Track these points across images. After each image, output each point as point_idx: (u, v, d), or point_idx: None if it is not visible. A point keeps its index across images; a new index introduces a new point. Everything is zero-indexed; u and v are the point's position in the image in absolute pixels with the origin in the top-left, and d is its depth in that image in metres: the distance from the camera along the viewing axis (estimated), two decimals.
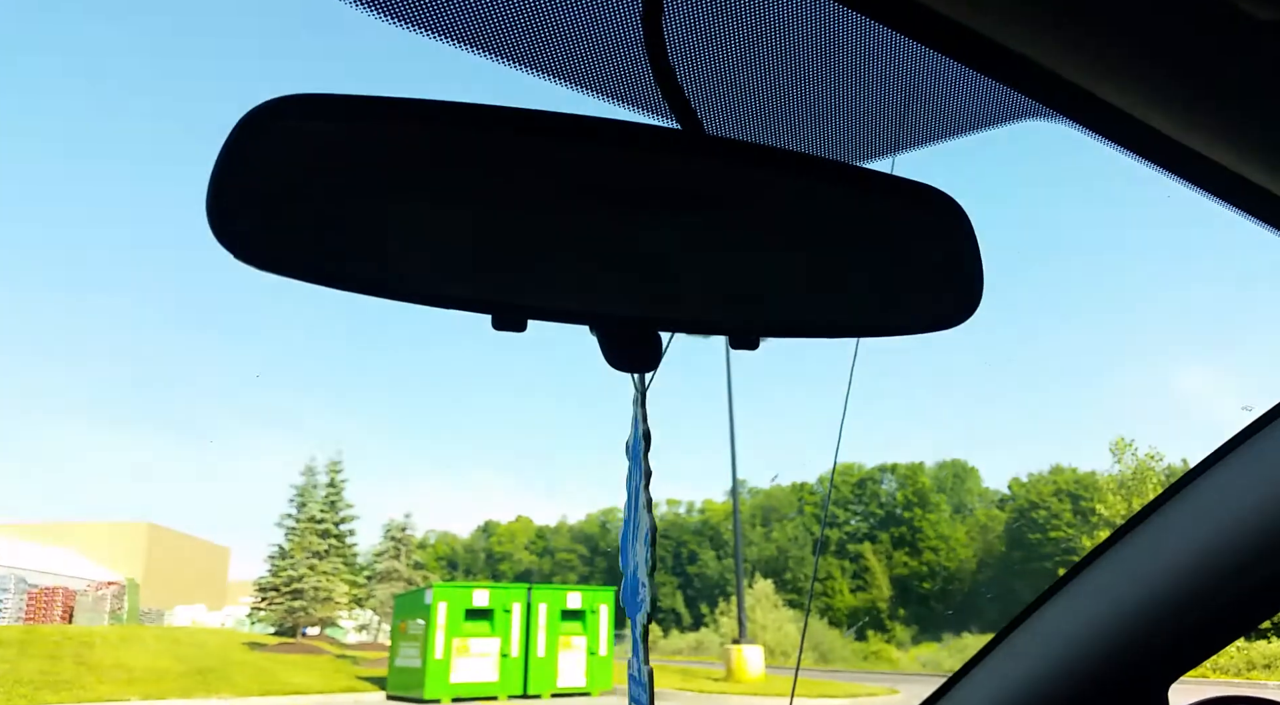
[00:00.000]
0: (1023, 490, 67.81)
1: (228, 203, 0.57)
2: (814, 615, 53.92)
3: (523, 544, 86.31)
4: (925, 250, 0.70)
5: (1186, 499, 0.92)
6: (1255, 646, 26.68)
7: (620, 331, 0.64)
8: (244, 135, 0.57)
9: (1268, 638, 29.22)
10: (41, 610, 26.06)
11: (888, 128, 0.72)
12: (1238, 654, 24.64)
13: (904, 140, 0.74)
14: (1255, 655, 25.35)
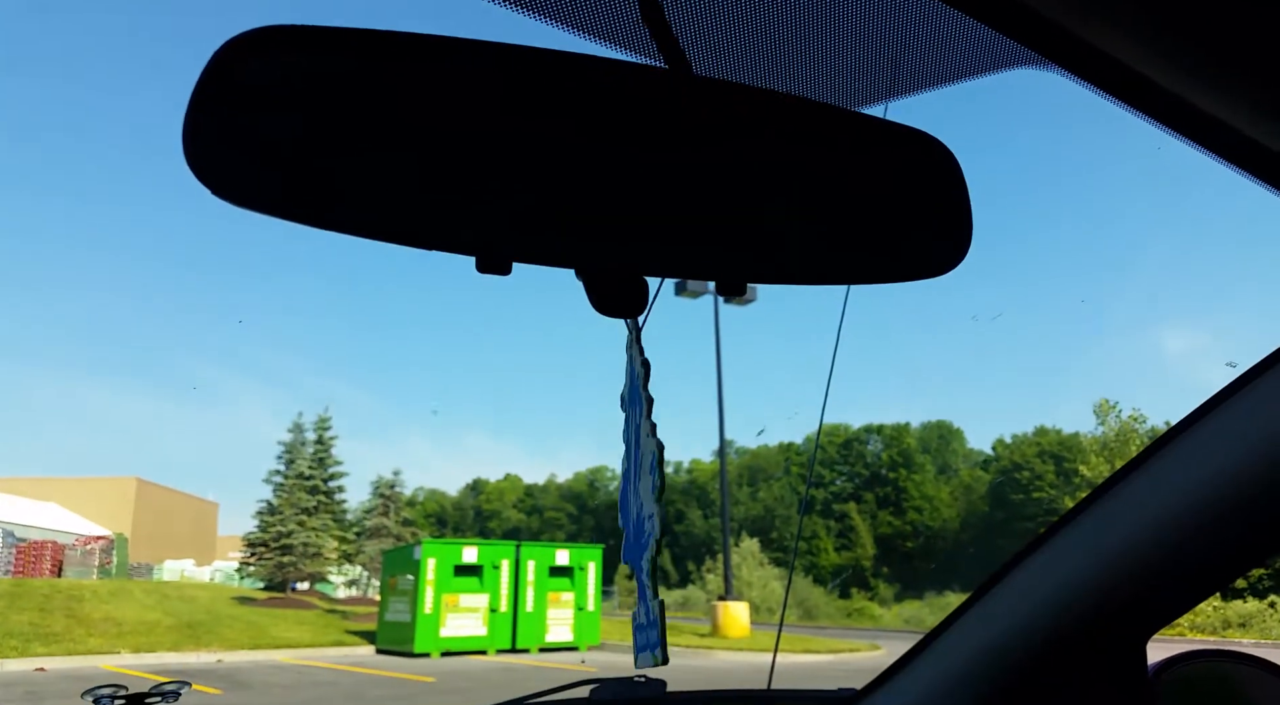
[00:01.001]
0: (1007, 451, 68.54)
1: (204, 136, 0.55)
2: (799, 573, 54.64)
3: (511, 502, 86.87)
4: (915, 196, 0.69)
5: (1168, 456, 0.92)
6: (1231, 606, 27.16)
7: (606, 276, 0.63)
8: (222, 66, 0.55)
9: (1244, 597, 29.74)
10: (30, 564, 26.14)
11: (879, 74, 0.71)
12: (1214, 613, 25.11)
13: (896, 87, 0.73)
14: (1231, 614, 25.83)
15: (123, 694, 1.09)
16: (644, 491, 0.76)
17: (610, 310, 0.64)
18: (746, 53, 0.67)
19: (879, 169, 0.68)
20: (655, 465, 0.74)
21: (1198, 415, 0.90)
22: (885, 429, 74.14)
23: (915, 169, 0.69)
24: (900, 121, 0.69)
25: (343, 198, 0.60)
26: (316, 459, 29.23)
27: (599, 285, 0.64)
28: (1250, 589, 30.26)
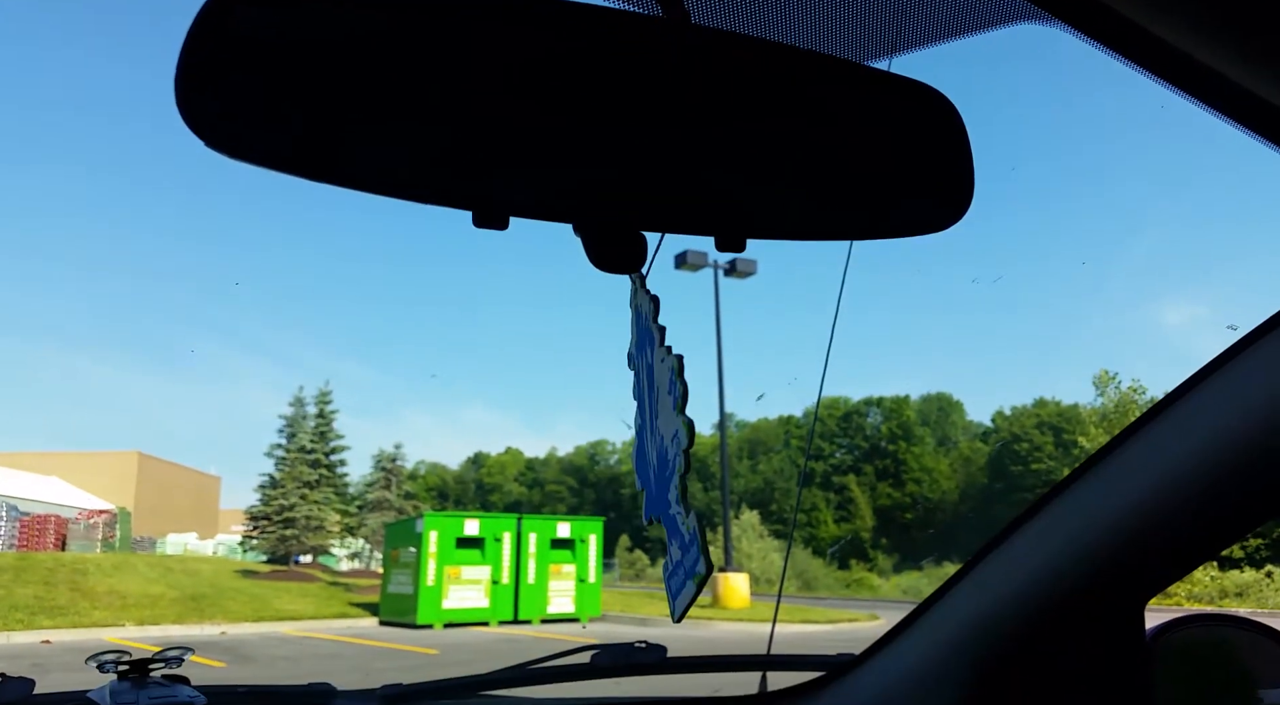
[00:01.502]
0: (1006, 423, 68.70)
1: (197, 85, 0.54)
2: (799, 545, 54.93)
3: (512, 475, 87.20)
4: (917, 150, 0.68)
5: (1166, 420, 0.91)
6: (1228, 576, 27.32)
7: (604, 231, 0.62)
8: (214, 15, 0.54)
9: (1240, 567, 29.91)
10: (34, 538, 26.27)
11: (882, 27, 0.70)
12: (1211, 583, 25.27)
13: (900, 41, 0.72)
14: (1228, 584, 26.00)
15: (126, 660, 1.09)
16: (665, 413, 0.72)
17: (608, 266, 0.63)
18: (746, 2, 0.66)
19: (880, 121, 0.67)
20: (675, 379, 0.71)
21: (1197, 379, 0.90)
22: (885, 401, 74.30)
23: (917, 122, 0.68)
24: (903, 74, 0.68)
25: (337, 150, 0.59)
26: (318, 433, 29.29)
27: (597, 240, 0.63)
28: (1247, 559, 30.40)
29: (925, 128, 0.68)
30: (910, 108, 0.67)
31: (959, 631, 1.13)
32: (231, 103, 0.56)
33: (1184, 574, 1.04)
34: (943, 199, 0.68)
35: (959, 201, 0.67)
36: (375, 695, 1.31)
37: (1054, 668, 1.06)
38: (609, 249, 0.63)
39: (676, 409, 0.71)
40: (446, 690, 1.39)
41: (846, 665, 1.34)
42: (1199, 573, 24.12)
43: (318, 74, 0.57)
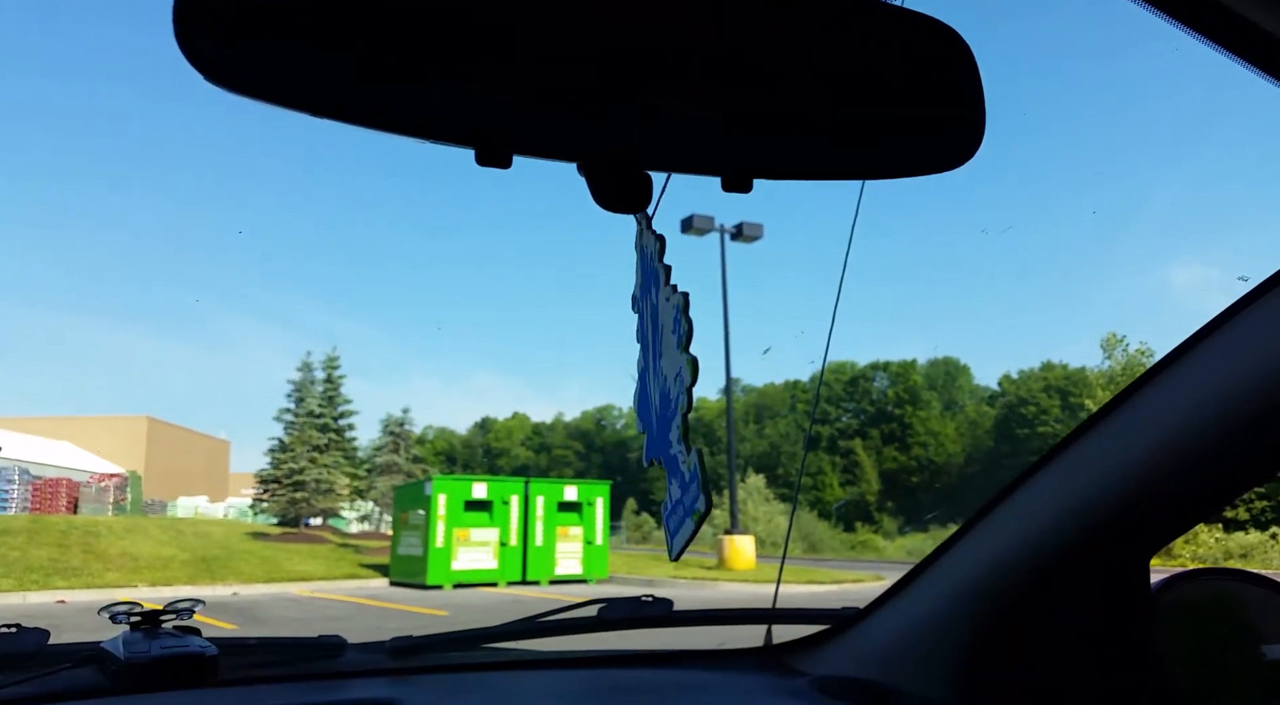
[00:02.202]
0: (1013, 387, 68.72)
1: (196, 16, 0.53)
2: (804, 508, 55.17)
3: (519, 440, 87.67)
4: (927, 86, 0.66)
5: (1175, 373, 0.90)
6: (1234, 537, 27.41)
7: (608, 170, 0.62)
8: None
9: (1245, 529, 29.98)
10: (47, 501, 26.54)
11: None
12: (1215, 544, 25.37)
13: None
14: (1233, 545, 26.10)
15: (138, 612, 1.10)
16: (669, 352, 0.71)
17: (614, 205, 0.63)
18: None
19: (890, 57, 0.65)
20: (680, 316, 0.69)
21: (1205, 332, 0.89)
22: (892, 366, 74.31)
23: (927, 58, 0.66)
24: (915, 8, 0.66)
25: (337, 84, 0.58)
26: (326, 397, 29.42)
27: (602, 180, 0.62)
28: (1253, 521, 30.46)
29: (936, 64, 0.66)
30: (921, 43, 0.66)
31: (963, 585, 1.13)
32: (231, 33, 0.55)
33: (1189, 528, 1.03)
34: (953, 137, 0.66)
35: (970, 140, 0.66)
36: (385, 647, 1.32)
37: (1058, 621, 1.06)
38: (614, 188, 0.62)
39: (681, 346, 0.70)
40: (455, 642, 1.40)
41: (851, 618, 1.34)
42: (1204, 535, 24.21)
43: (317, 5, 0.56)
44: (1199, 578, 1.14)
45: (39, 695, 1.05)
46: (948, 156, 0.66)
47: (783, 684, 1.30)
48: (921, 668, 1.17)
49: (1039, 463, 1.04)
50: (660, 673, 1.40)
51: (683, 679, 1.35)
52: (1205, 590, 1.13)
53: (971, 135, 0.66)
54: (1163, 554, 1.03)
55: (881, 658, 1.24)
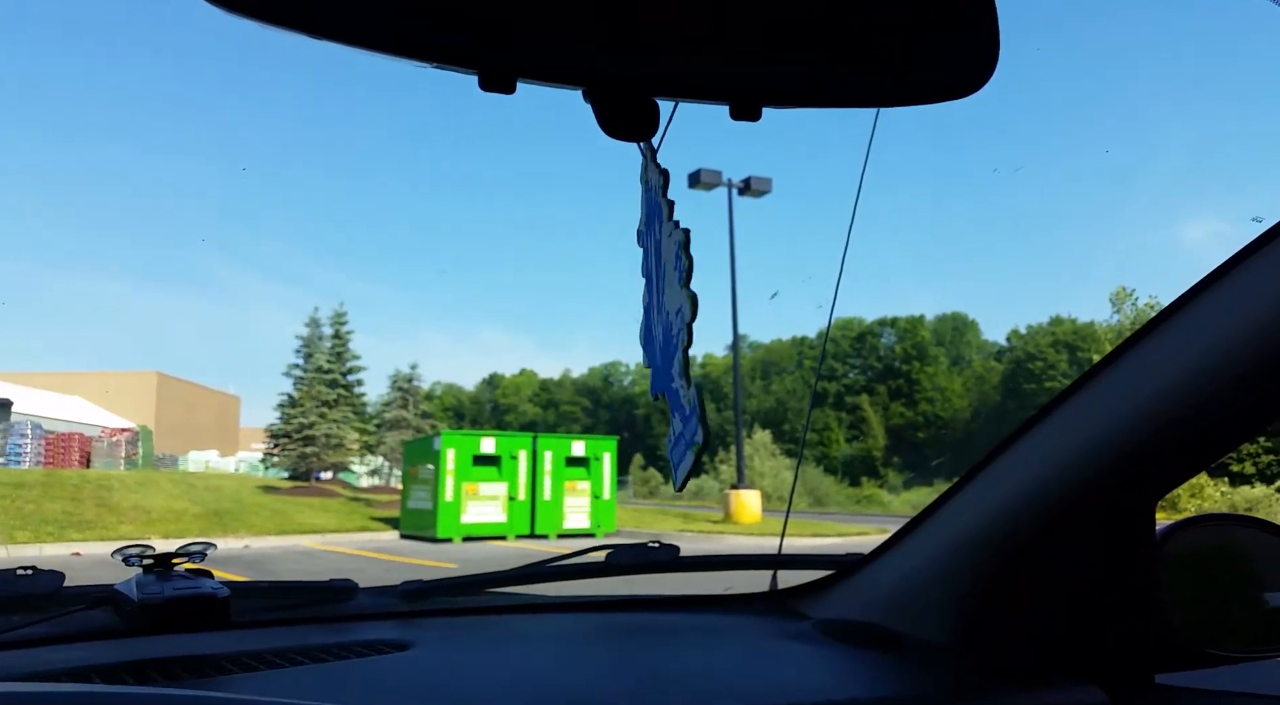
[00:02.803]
0: (1021, 342, 68.64)
1: None
2: (810, 464, 55.42)
3: (527, 396, 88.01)
4: (941, 11, 0.63)
5: (1183, 318, 0.89)
6: (1239, 491, 27.48)
7: (615, 97, 0.60)
8: None
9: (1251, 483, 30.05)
10: (59, 455, 26.80)
11: None
12: (1221, 498, 25.46)
13: None
14: (1239, 499, 26.18)
15: (151, 554, 1.10)
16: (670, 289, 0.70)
17: (620, 133, 0.61)
18: None
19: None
20: (681, 253, 0.68)
21: (1218, 274, 0.87)
22: (899, 322, 74.19)
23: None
24: None
25: (340, 5, 0.57)
26: (334, 353, 29.50)
27: (608, 106, 0.60)
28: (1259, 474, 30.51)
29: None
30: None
31: (966, 532, 1.13)
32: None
33: (1194, 474, 1.01)
34: (966, 61, 0.64)
35: (983, 65, 0.63)
36: (396, 591, 1.33)
37: (1061, 567, 1.06)
38: (621, 115, 0.61)
39: (682, 283, 0.69)
40: (465, 586, 1.41)
41: (855, 564, 1.35)
42: (1209, 488, 24.26)
43: None
44: (1204, 524, 1.13)
45: (55, 635, 1.06)
46: (960, 82, 0.64)
47: (787, 627, 1.31)
48: (924, 612, 1.18)
49: (1044, 410, 1.03)
50: (667, 616, 1.40)
51: (689, 622, 1.35)
52: (1210, 536, 1.12)
53: (985, 59, 0.63)
54: (1168, 508, 0.98)
55: (885, 602, 1.25)
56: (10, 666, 0.96)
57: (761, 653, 1.19)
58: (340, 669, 0.99)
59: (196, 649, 1.03)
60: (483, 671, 1.04)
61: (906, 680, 1.09)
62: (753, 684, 1.04)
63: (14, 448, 26.21)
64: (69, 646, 1.04)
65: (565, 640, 1.25)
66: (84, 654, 1.00)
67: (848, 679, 1.10)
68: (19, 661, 0.98)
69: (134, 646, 1.03)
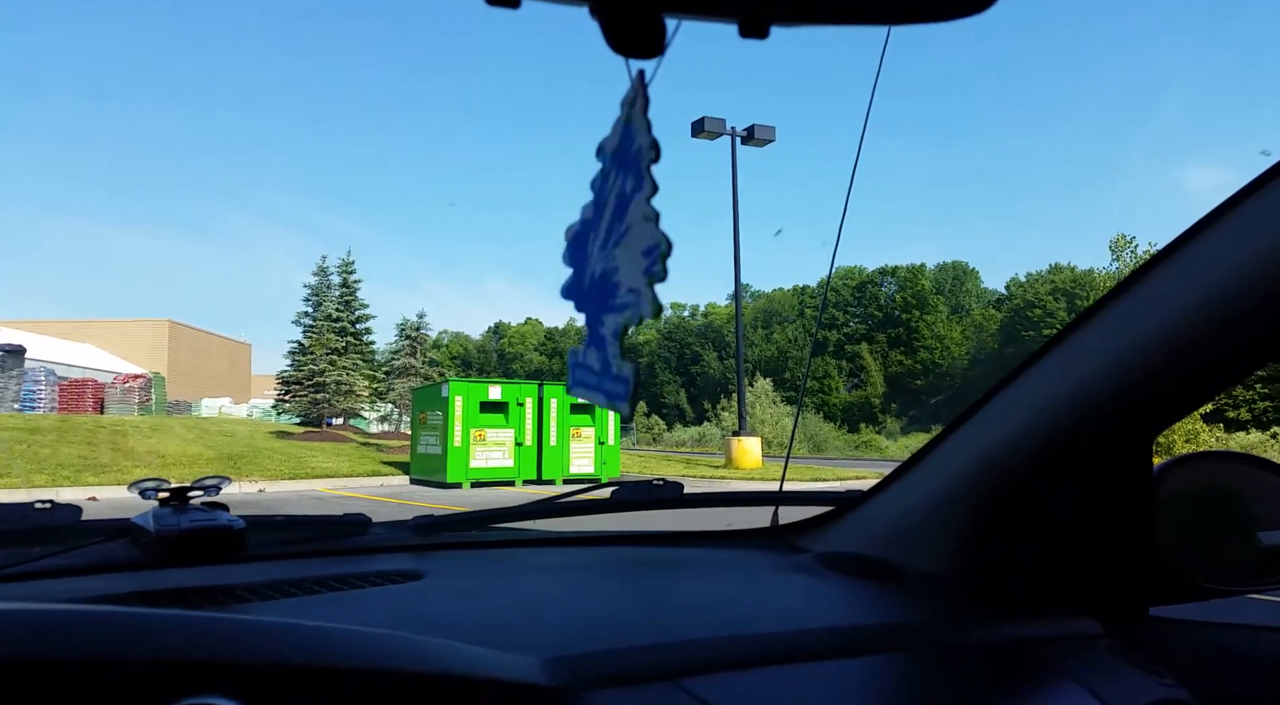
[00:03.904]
0: (1020, 290, 68.45)
1: None
2: (810, 411, 55.59)
3: (533, 345, 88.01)
4: None
5: (1183, 256, 0.88)
6: (1234, 436, 27.70)
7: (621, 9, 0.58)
8: None
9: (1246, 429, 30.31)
10: (73, 401, 26.75)
11: None
12: (1215, 444, 25.67)
13: None
14: (1234, 444, 26.45)
15: (166, 487, 1.11)
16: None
17: (628, 49, 0.59)
18: None
19: None
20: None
21: (1220, 212, 0.85)
22: (900, 271, 73.98)
23: None
24: None
25: None
26: (343, 302, 29.42)
27: (614, 19, 0.58)
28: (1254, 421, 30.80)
29: None
30: None
31: (965, 467, 1.12)
32: None
33: (1190, 411, 1.00)
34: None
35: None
36: (408, 525, 1.35)
37: (1058, 503, 1.07)
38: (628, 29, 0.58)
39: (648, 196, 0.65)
40: (475, 520, 1.43)
41: (855, 500, 1.35)
42: (1204, 434, 24.40)
43: None
44: (1200, 461, 1.13)
45: (73, 567, 1.06)
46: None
47: (787, 560, 1.31)
48: (922, 544, 1.18)
49: (1043, 349, 1.03)
50: (671, 550, 1.42)
51: (692, 555, 1.36)
52: (1206, 473, 1.12)
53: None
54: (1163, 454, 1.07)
55: (884, 535, 1.25)
56: (30, 596, 0.96)
57: (763, 583, 1.20)
58: (355, 597, 1.00)
59: (213, 580, 1.02)
60: (494, 598, 1.06)
61: (905, 609, 1.09)
62: (754, 611, 1.05)
63: (28, 394, 26.35)
64: (87, 578, 1.04)
65: (573, 570, 1.26)
66: (102, 585, 1.00)
67: (847, 607, 1.10)
68: (38, 592, 0.99)
69: (151, 578, 1.02)
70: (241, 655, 0.60)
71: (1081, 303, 49.80)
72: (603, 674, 0.79)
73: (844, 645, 0.93)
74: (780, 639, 0.92)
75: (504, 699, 0.71)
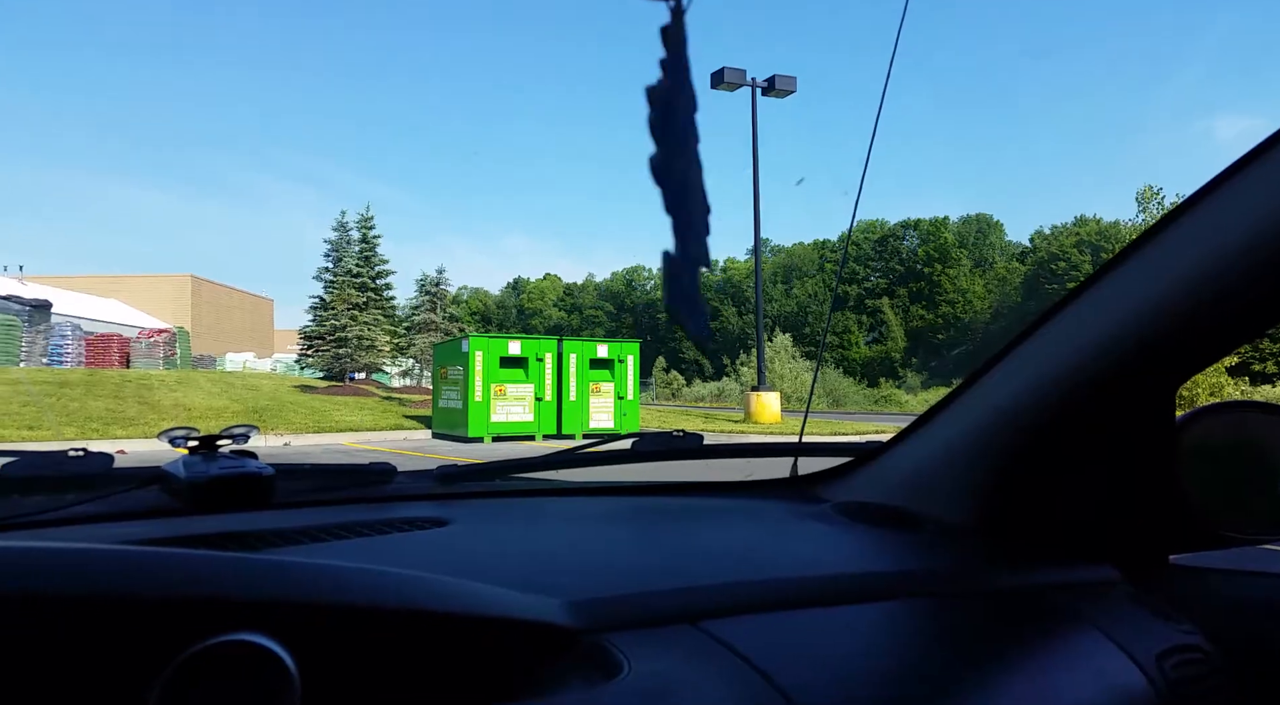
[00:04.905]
0: (1044, 243, 67.65)
1: None
2: (830, 366, 55.47)
3: (551, 301, 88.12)
4: None
5: (1210, 203, 0.87)
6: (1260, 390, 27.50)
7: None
8: None
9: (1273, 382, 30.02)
10: (100, 355, 26.97)
11: None
12: (1242, 396, 25.57)
13: None
14: (1258, 398, 26.26)
15: (196, 435, 1.11)
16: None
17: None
18: None
19: None
20: None
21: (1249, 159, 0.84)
22: (923, 224, 73.21)
23: None
24: None
25: None
26: (363, 257, 29.51)
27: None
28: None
29: None
30: None
31: (988, 417, 1.12)
32: None
33: (1216, 360, 0.99)
34: None
35: None
36: (432, 474, 1.36)
37: (1082, 450, 1.06)
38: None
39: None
40: (498, 470, 1.44)
41: (875, 450, 1.36)
42: (1229, 387, 24.23)
43: None
44: (1224, 411, 1.12)
45: (106, 513, 1.07)
46: None
47: (806, 509, 1.31)
48: (942, 494, 1.18)
49: (1066, 298, 1.02)
50: (691, 500, 1.43)
51: (712, 505, 1.37)
52: (1230, 423, 1.11)
53: None
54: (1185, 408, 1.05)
55: (904, 485, 1.25)
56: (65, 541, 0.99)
57: (782, 531, 1.20)
58: (382, 542, 1.02)
59: (242, 526, 1.05)
60: (518, 545, 1.07)
61: (924, 556, 1.09)
62: (773, 558, 1.06)
63: (56, 348, 26.72)
64: (119, 524, 1.06)
65: (595, 519, 1.27)
66: (133, 530, 1.01)
67: (866, 555, 1.11)
68: (71, 537, 0.99)
69: (182, 524, 1.05)
70: (276, 594, 0.61)
71: (1106, 256, 48.94)
72: (624, 616, 0.80)
73: (862, 590, 0.93)
74: (799, 584, 0.93)
75: (529, 639, 0.73)
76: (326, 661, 0.61)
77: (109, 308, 43.55)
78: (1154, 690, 0.87)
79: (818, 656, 0.80)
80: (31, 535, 0.98)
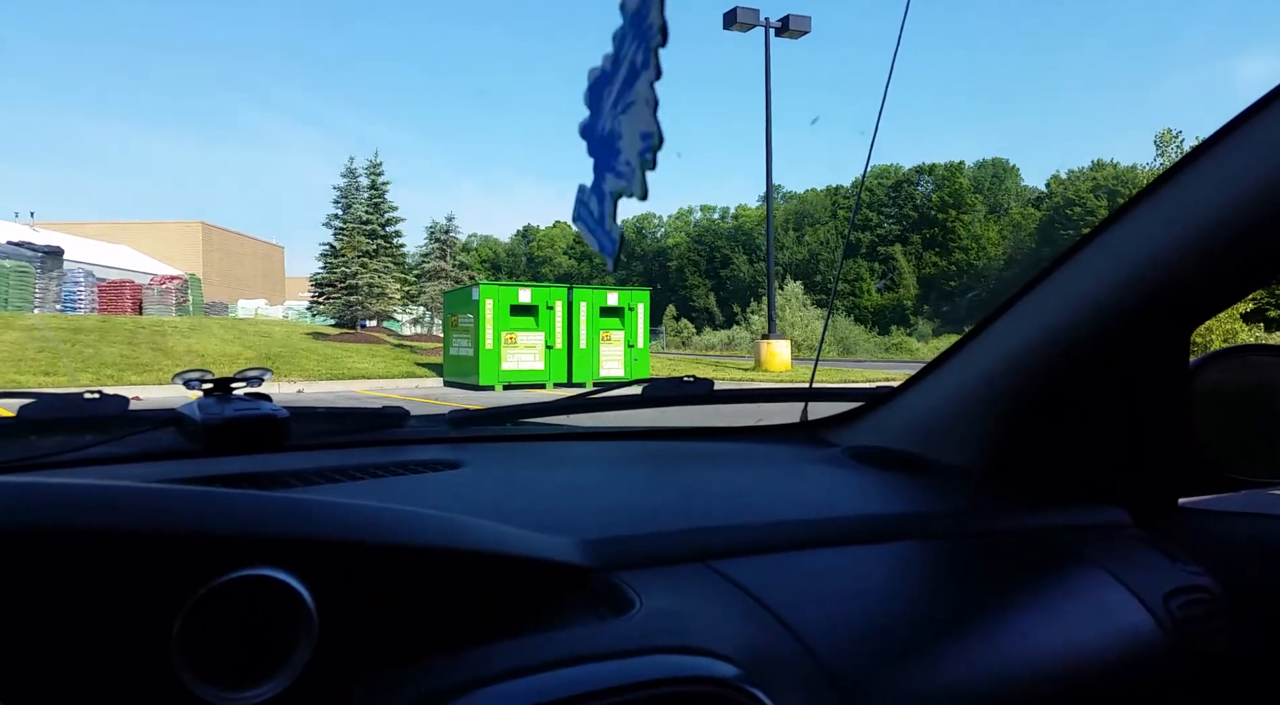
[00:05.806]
0: (1060, 188, 66.83)
1: None
2: (841, 314, 55.29)
3: (561, 249, 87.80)
4: None
5: (1229, 144, 0.86)
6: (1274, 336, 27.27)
7: None
8: None
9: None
10: (112, 302, 27.11)
11: None
12: (1255, 342, 25.25)
13: None
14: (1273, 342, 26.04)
15: (210, 378, 1.12)
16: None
17: None
18: None
19: None
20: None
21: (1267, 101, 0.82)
22: (938, 169, 72.31)
23: None
24: None
25: None
26: (372, 204, 29.31)
27: None
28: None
29: None
30: None
31: (1000, 362, 1.12)
32: None
33: (1229, 304, 0.98)
34: None
35: None
36: (445, 418, 1.38)
37: (1094, 393, 1.06)
38: None
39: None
40: (509, 414, 1.47)
41: (885, 395, 1.36)
42: (1243, 334, 24.10)
43: None
44: (1237, 355, 1.11)
45: (122, 455, 1.08)
46: None
47: (817, 453, 1.32)
48: (954, 439, 1.19)
49: (1081, 242, 1.01)
50: (701, 444, 1.43)
51: (722, 449, 1.38)
52: (1242, 367, 1.11)
53: None
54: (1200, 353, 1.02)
55: (914, 430, 1.25)
56: None
57: (793, 474, 1.21)
58: (396, 483, 1.03)
59: (257, 467, 1.04)
60: (530, 486, 1.08)
61: (934, 499, 1.09)
62: (783, 500, 1.06)
63: (69, 295, 26.82)
64: (135, 465, 1.06)
65: (607, 462, 1.29)
66: (150, 471, 1.02)
67: (876, 497, 1.11)
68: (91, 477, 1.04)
69: (197, 465, 1.04)
70: (293, 532, 0.62)
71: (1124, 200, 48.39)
72: (635, 555, 0.81)
73: (872, 531, 0.94)
74: (809, 525, 0.93)
75: (540, 576, 0.74)
76: (343, 598, 0.62)
77: (120, 254, 43.57)
78: (1161, 629, 0.88)
79: (827, 596, 0.80)
80: (52, 475, 0.99)
